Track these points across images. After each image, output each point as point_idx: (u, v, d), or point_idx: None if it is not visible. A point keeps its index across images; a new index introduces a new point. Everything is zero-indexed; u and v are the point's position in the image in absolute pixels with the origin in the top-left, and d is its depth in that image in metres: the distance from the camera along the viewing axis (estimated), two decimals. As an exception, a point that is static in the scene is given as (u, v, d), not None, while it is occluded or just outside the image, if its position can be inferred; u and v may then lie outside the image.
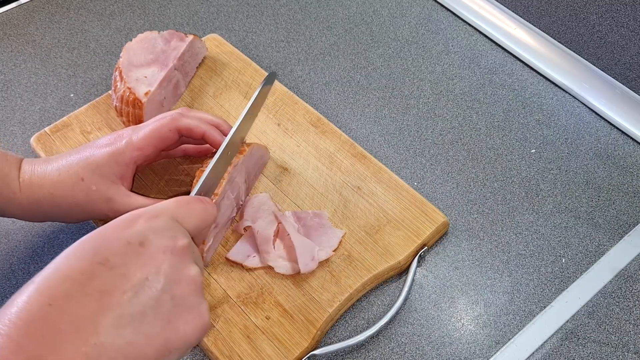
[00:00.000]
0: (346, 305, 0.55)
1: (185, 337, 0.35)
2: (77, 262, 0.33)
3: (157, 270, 0.34)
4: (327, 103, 0.72)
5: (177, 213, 0.39)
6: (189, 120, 0.55)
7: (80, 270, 0.33)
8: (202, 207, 0.41)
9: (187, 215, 0.39)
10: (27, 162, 0.53)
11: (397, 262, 0.56)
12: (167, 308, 0.34)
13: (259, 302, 0.54)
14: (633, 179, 0.65)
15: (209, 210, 0.42)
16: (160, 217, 0.37)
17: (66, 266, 0.33)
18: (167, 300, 0.34)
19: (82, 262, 0.33)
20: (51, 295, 0.32)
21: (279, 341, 0.52)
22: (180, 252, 0.36)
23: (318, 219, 0.58)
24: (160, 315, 0.34)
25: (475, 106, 0.72)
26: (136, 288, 0.33)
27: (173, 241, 0.36)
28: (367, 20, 0.81)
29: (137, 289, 0.33)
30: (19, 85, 0.73)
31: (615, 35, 0.69)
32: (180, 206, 0.40)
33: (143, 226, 0.36)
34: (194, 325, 0.35)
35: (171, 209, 0.39)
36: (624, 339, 0.54)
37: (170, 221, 0.38)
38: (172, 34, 0.68)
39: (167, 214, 0.38)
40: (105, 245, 0.35)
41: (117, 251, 0.34)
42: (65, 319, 0.31)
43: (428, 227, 0.58)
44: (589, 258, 0.59)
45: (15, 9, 0.82)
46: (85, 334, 0.31)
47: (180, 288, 0.35)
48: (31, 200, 0.51)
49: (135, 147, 0.53)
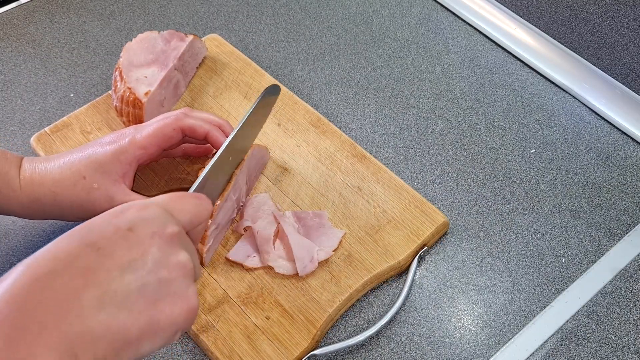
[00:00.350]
0: (346, 305, 0.55)
1: (171, 318, 0.35)
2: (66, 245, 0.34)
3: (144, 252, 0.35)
4: (327, 103, 0.72)
5: (170, 205, 0.39)
6: (192, 120, 0.55)
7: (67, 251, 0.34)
8: (196, 202, 0.41)
9: (180, 208, 0.40)
10: (27, 160, 0.53)
11: (397, 262, 0.56)
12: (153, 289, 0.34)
13: (259, 302, 0.54)
14: (633, 179, 0.65)
15: (204, 205, 0.42)
16: (152, 207, 0.38)
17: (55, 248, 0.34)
18: (153, 282, 0.35)
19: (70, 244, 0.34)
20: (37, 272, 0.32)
21: (279, 341, 0.52)
22: (169, 237, 0.37)
23: (318, 219, 0.58)
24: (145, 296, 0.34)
25: (475, 106, 0.72)
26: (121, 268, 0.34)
27: (162, 228, 0.37)
28: (367, 20, 0.81)
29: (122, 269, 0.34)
30: (19, 85, 0.73)
31: (615, 35, 0.69)
32: (173, 199, 0.40)
33: (133, 214, 0.37)
34: (181, 307, 0.36)
35: (164, 201, 0.39)
36: (624, 339, 0.54)
37: (161, 211, 0.38)
38: (172, 34, 0.68)
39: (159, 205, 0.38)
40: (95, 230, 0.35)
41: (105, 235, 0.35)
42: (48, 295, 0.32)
43: (428, 227, 0.58)
44: (589, 258, 0.59)
45: (15, 9, 0.82)
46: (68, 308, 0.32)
47: (167, 271, 0.35)
48: (32, 198, 0.51)
49: (139, 145, 0.53)
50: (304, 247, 0.55)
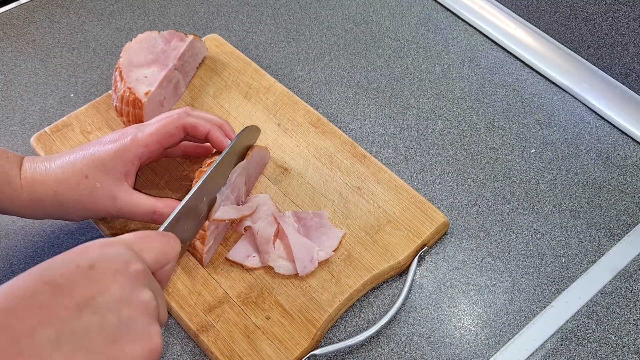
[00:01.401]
0: (346, 305, 0.55)
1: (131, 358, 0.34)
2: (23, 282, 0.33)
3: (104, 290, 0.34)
4: (327, 103, 0.72)
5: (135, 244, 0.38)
6: (194, 119, 0.55)
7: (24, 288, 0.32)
8: (162, 241, 0.40)
9: (146, 247, 0.39)
10: (28, 159, 0.53)
11: (397, 262, 0.56)
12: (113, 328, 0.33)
13: (259, 302, 0.54)
14: (633, 179, 0.65)
15: (171, 244, 0.41)
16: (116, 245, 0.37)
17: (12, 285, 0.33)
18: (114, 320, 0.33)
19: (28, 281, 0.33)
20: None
21: (279, 341, 0.52)
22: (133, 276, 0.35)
23: (318, 218, 0.58)
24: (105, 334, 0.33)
25: (475, 106, 0.72)
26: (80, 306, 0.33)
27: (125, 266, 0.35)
28: (367, 20, 0.81)
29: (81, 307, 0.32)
30: (19, 85, 0.73)
31: (615, 35, 0.69)
32: (139, 238, 0.39)
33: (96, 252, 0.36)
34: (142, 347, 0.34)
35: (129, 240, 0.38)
36: (624, 339, 0.54)
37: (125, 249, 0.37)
38: (173, 34, 0.68)
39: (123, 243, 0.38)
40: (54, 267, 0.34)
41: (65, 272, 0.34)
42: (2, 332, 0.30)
43: (428, 227, 0.58)
44: (589, 258, 0.59)
45: (15, 9, 0.82)
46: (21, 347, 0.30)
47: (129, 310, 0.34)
48: (33, 198, 0.51)
49: (141, 143, 0.53)
50: (304, 247, 0.55)
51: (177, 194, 0.61)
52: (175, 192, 0.61)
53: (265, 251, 0.55)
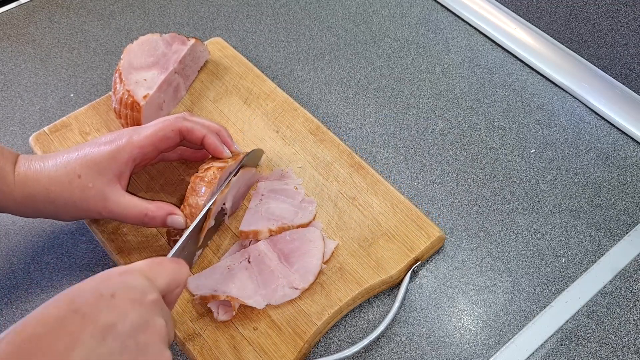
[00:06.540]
0: (335, 318, 0.54)
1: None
2: (53, 310, 0.36)
3: (124, 317, 0.37)
4: (327, 103, 0.72)
5: (149, 271, 0.42)
6: (191, 124, 0.55)
7: (54, 317, 0.36)
8: (174, 267, 0.44)
9: (159, 274, 0.42)
10: (24, 157, 0.53)
11: (389, 276, 0.55)
12: (132, 352, 0.37)
13: (247, 312, 0.53)
14: (633, 179, 0.65)
15: (182, 270, 0.44)
16: (133, 274, 0.40)
17: (42, 314, 0.36)
18: (132, 345, 0.37)
19: (57, 309, 0.36)
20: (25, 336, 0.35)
21: (264, 352, 0.51)
22: (149, 305, 0.39)
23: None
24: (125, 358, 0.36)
25: (475, 106, 0.72)
26: (104, 332, 0.36)
27: (142, 295, 0.39)
28: (367, 20, 0.81)
29: (104, 333, 0.36)
30: (19, 85, 0.73)
31: (615, 35, 0.69)
32: (153, 266, 0.43)
33: (116, 281, 0.39)
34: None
35: (144, 268, 0.42)
36: (624, 339, 0.54)
37: (142, 278, 0.40)
38: (174, 37, 0.67)
39: (139, 272, 0.41)
40: (80, 296, 0.37)
41: (90, 301, 0.37)
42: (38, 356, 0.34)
43: (423, 242, 0.57)
44: (589, 258, 0.59)
45: (15, 9, 0.82)
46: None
47: (145, 336, 0.38)
48: (26, 195, 0.51)
49: (136, 145, 0.53)
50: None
51: (172, 197, 0.61)
52: (170, 196, 0.61)
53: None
